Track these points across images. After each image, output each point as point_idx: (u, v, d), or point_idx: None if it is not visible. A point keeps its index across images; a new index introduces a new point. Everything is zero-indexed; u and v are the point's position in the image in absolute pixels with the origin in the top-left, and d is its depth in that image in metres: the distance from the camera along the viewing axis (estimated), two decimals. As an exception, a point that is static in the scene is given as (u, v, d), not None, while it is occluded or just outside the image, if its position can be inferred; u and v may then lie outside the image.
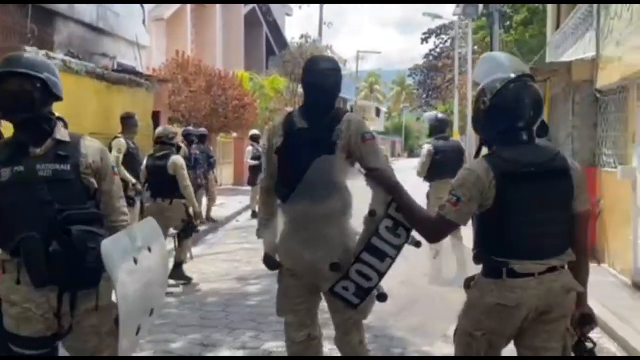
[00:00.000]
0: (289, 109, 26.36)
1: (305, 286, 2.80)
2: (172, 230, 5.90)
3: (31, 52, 5.20)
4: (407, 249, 2.58)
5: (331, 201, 2.62)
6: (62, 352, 2.30)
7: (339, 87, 2.83)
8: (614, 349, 4.41)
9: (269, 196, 2.95)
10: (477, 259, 2.24)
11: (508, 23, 19.48)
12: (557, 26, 10.60)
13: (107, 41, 12.97)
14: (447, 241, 2.74)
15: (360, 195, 2.66)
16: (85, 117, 6.05)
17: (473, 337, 2.18)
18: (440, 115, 7.01)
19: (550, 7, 11.55)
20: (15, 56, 2.22)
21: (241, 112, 16.30)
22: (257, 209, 11.68)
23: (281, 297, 2.92)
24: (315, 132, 2.72)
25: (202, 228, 7.63)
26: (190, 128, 9.41)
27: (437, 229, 2.30)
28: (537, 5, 17.88)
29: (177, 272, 5.91)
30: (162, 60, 17.27)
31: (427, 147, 6.46)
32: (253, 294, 5.67)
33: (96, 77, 6.29)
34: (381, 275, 2.54)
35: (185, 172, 5.79)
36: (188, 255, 6.15)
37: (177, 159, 5.85)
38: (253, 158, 11.43)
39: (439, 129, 6.57)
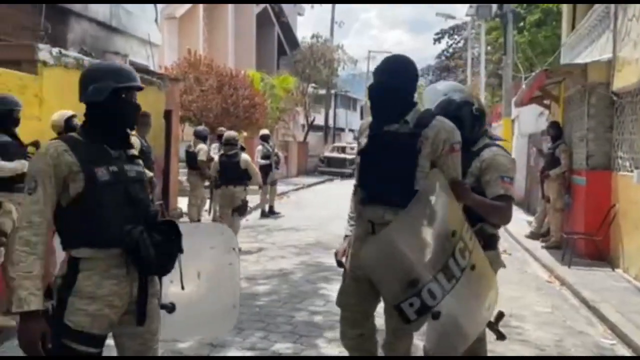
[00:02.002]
0: (299, 109, 26.47)
1: (364, 290, 2.73)
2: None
3: (44, 49, 5.22)
4: None
5: (433, 220, 2.54)
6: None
7: (404, 89, 2.66)
8: (628, 355, 4.33)
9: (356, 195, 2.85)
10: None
11: (521, 24, 19.28)
12: (572, 27, 10.47)
13: (120, 39, 13.01)
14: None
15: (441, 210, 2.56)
16: (97, 114, 6.06)
17: None
18: None
19: (566, 8, 11.41)
20: (132, 71, 2.35)
21: (251, 111, 16.30)
22: (266, 208, 11.76)
23: (341, 292, 2.89)
24: (395, 134, 2.62)
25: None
26: (201, 127, 9.41)
27: (511, 208, 2.86)
28: (551, 5, 17.69)
29: None
30: (174, 58, 17.32)
31: None
32: (262, 294, 5.65)
33: (108, 75, 6.27)
34: (445, 294, 2.50)
35: (253, 164, 8.00)
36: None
37: (247, 157, 7.77)
38: (263, 157, 11.43)
39: None
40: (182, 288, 2.36)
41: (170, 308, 2.40)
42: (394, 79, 2.63)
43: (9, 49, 5.87)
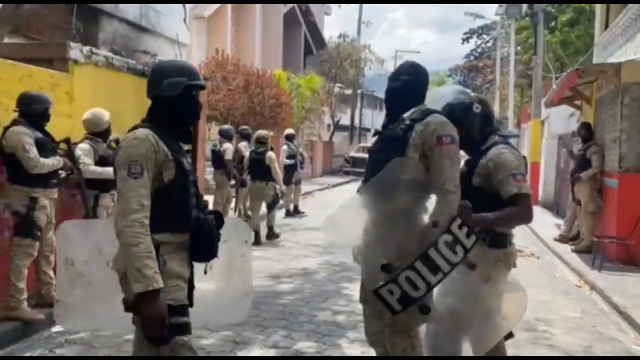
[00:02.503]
0: (325, 109, 26.47)
1: None
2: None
3: (75, 48, 5.31)
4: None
5: (396, 201, 2.59)
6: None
7: (408, 91, 2.81)
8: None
9: None
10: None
11: (553, 23, 18.91)
12: (606, 26, 10.22)
13: (149, 39, 13.20)
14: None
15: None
16: (125, 112, 6.13)
17: None
18: None
19: (599, 7, 11.15)
20: (198, 70, 2.50)
21: (277, 111, 16.35)
22: (291, 207, 11.78)
23: (360, 288, 2.98)
24: (393, 131, 2.75)
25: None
26: (226, 127, 9.50)
27: (529, 206, 2.79)
28: (583, 5, 17.31)
29: (269, 233, 8.44)
30: (202, 58, 17.49)
31: None
32: (285, 293, 5.65)
33: (137, 74, 6.36)
34: (430, 287, 2.51)
35: (276, 164, 8.44)
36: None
37: (272, 155, 8.31)
38: (288, 157, 11.44)
39: None
40: (205, 272, 2.49)
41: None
42: (399, 82, 2.82)
43: (41, 48, 6.01)
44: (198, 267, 2.45)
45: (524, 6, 18.17)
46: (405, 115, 2.75)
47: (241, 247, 2.90)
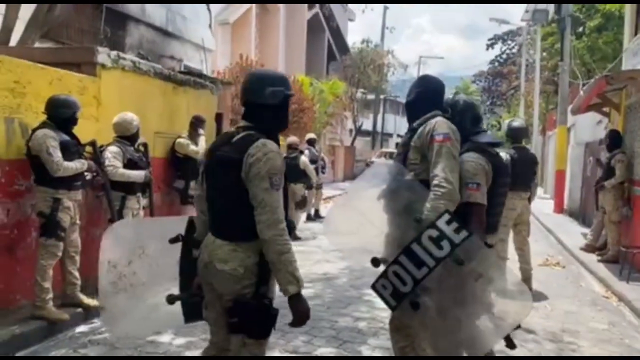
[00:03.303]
0: (347, 114, 26.45)
1: None
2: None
3: (103, 52, 5.40)
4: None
5: (394, 200, 2.73)
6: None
7: (421, 101, 2.99)
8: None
9: None
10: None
11: (580, 29, 18.61)
12: (635, 32, 10.02)
13: (175, 44, 13.38)
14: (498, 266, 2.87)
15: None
16: (152, 116, 6.23)
17: None
18: (515, 123, 6.41)
19: (629, 13, 10.93)
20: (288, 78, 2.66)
21: (300, 115, 16.38)
22: (312, 212, 11.77)
23: None
24: (405, 138, 2.97)
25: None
26: None
27: (477, 214, 2.84)
28: (612, 10, 16.99)
29: (291, 235, 8.95)
30: (226, 63, 17.63)
31: (503, 155, 6.07)
32: (306, 298, 5.61)
33: (163, 78, 6.44)
34: (416, 281, 2.53)
35: (311, 167, 9.75)
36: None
37: (305, 159, 9.61)
38: (309, 161, 11.44)
39: (512, 137, 6.19)
40: None
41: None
42: (412, 96, 3.02)
43: (70, 52, 6.12)
44: None
45: (551, 12, 17.93)
46: (415, 123, 2.93)
47: None
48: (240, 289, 2.38)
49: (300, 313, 2.36)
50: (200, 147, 6.44)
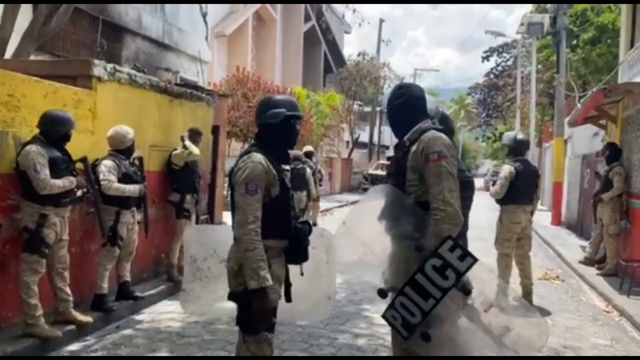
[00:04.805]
0: (344, 126, 26.47)
1: None
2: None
3: (99, 65, 5.35)
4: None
5: (398, 227, 2.61)
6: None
7: (404, 112, 2.87)
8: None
9: None
10: None
11: (574, 41, 18.72)
12: (631, 45, 10.06)
13: (171, 56, 13.37)
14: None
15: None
16: (147, 129, 6.17)
17: None
18: (519, 136, 6.37)
19: (624, 26, 10.99)
20: (297, 103, 2.95)
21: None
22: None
23: None
24: (397, 156, 2.90)
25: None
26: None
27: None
28: (606, 22, 17.12)
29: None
30: (223, 75, 17.65)
31: (507, 168, 5.97)
32: (286, 312, 5.53)
33: (159, 91, 6.39)
34: (424, 313, 2.43)
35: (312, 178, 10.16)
36: None
37: (309, 170, 10.08)
38: (307, 174, 11.39)
39: (516, 150, 6.14)
40: (302, 274, 2.87)
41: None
42: (393, 109, 2.91)
43: (66, 65, 6.06)
44: (293, 268, 2.85)
45: (546, 24, 18.02)
46: (406, 137, 2.80)
47: (326, 254, 3.25)
48: (236, 285, 2.68)
49: (258, 309, 2.55)
50: (192, 149, 6.29)
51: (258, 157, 2.68)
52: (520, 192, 5.88)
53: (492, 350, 2.64)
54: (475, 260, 2.43)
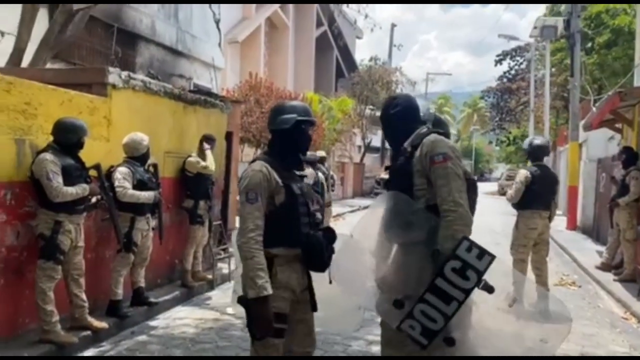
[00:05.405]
0: (356, 130, 26.44)
1: None
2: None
3: (114, 72, 5.40)
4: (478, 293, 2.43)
5: (408, 232, 2.55)
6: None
7: (399, 121, 2.89)
8: None
9: None
10: None
11: (589, 45, 18.56)
12: (647, 47, 9.94)
13: (184, 63, 13.46)
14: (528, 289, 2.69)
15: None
16: (162, 135, 6.21)
17: None
18: (537, 141, 6.30)
19: (639, 29, 10.86)
20: (308, 107, 2.93)
21: (309, 133, 16.37)
22: (323, 230, 11.66)
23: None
24: (399, 162, 2.82)
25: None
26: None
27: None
28: (622, 25, 16.95)
29: None
30: (236, 81, 17.73)
31: (523, 173, 5.97)
32: (318, 319, 5.53)
33: (173, 98, 6.44)
34: (447, 318, 2.39)
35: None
36: None
37: (322, 176, 8.90)
38: (320, 179, 11.40)
39: (533, 155, 6.09)
40: (330, 282, 2.80)
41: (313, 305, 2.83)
42: (387, 120, 2.97)
43: (82, 73, 6.14)
44: (323, 276, 2.79)
45: (560, 27, 17.90)
46: (406, 143, 2.79)
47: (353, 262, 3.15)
48: (244, 290, 2.67)
49: (257, 318, 2.55)
50: (208, 162, 6.39)
51: (259, 164, 2.68)
52: (536, 197, 5.82)
53: (513, 348, 2.62)
54: (493, 257, 2.41)
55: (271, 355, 2.65)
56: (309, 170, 8.84)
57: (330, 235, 2.74)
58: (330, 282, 2.77)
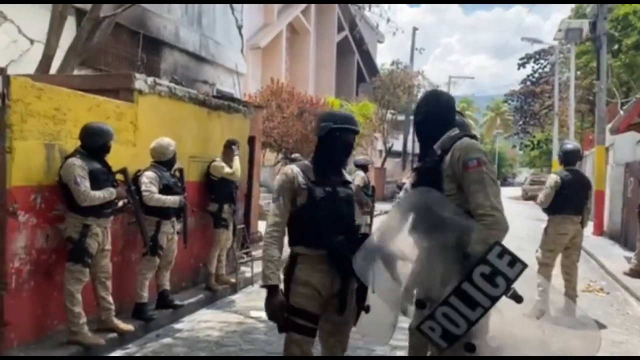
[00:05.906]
0: (377, 135, 26.38)
1: None
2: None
3: (140, 78, 5.49)
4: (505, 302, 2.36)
5: (437, 233, 2.48)
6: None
7: (432, 120, 2.79)
8: None
9: None
10: None
11: (616, 47, 18.24)
12: (677, 49, 9.72)
13: (208, 68, 13.61)
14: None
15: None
16: (187, 140, 6.28)
17: None
18: (568, 146, 6.25)
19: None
20: (352, 117, 3.04)
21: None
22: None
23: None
24: (427, 164, 2.77)
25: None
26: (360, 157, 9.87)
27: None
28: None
29: None
30: (257, 86, 17.86)
31: (553, 177, 5.95)
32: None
33: (197, 103, 6.52)
34: (470, 323, 2.32)
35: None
36: None
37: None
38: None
39: (564, 160, 6.03)
40: (372, 291, 2.76)
41: (367, 308, 2.80)
42: (421, 116, 2.85)
43: (109, 79, 6.25)
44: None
45: (585, 30, 17.63)
46: (435, 146, 2.71)
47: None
48: None
49: (266, 304, 2.78)
50: (235, 168, 6.45)
51: (288, 168, 2.93)
52: (567, 202, 5.74)
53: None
54: (525, 266, 2.33)
55: (292, 351, 2.78)
56: (359, 174, 8.73)
57: (360, 240, 2.76)
58: (373, 291, 2.74)
